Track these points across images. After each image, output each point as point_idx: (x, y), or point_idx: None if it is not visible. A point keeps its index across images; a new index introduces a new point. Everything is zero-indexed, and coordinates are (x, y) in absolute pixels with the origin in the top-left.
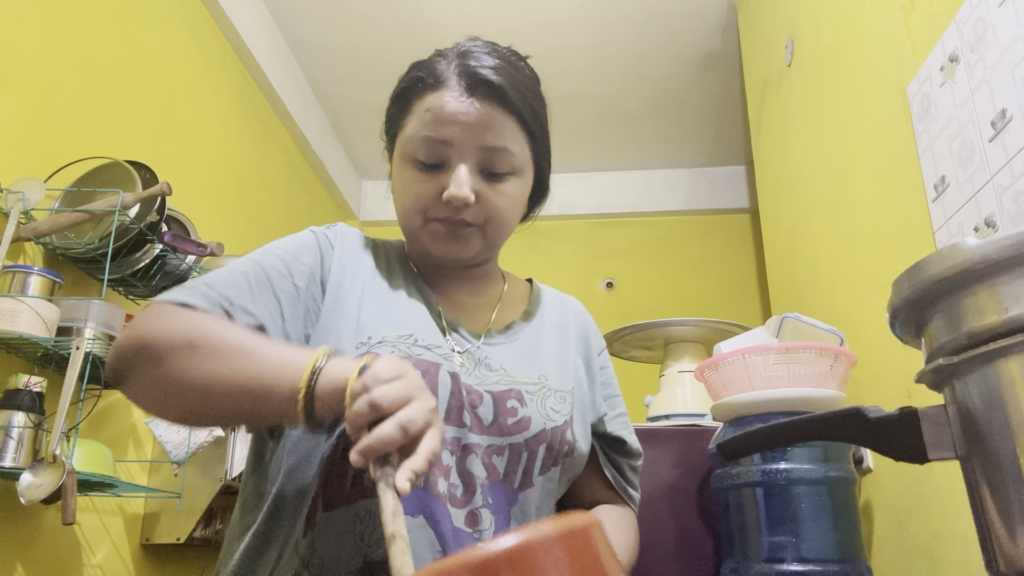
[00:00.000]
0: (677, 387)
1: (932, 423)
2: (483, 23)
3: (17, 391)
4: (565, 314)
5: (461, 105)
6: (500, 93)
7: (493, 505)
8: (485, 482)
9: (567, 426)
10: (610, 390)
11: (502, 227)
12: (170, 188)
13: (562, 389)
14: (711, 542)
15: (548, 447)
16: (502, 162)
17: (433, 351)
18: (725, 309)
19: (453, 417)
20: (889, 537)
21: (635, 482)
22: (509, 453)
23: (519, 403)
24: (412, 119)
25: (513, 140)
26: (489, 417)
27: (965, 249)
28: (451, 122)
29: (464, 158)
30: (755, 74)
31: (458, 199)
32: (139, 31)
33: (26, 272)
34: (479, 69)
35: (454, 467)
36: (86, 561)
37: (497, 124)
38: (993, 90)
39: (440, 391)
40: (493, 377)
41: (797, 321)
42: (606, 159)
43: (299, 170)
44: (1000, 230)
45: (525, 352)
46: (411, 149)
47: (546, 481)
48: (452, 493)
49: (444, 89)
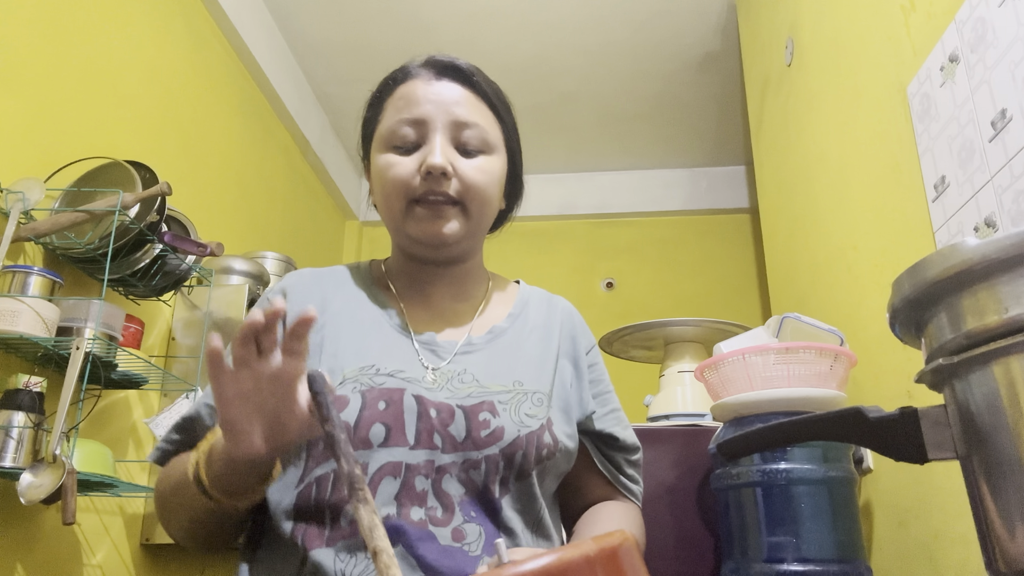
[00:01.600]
0: (677, 387)
1: (932, 423)
2: (483, 23)
3: (17, 391)
4: (552, 314)
5: (432, 87)
6: (467, 76)
7: (477, 518)
8: (464, 498)
9: (544, 429)
10: (600, 387)
11: (483, 203)
12: (170, 188)
13: (539, 391)
14: (711, 542)
15: (524, 453)
16: (475, 137)
17: (396, 377)
18: (725, 309)
19: (423, 440)
20: (889, 537)
21: (635, 476)
22: (485, 465)
23: (491, 414)
24: (386, 113)
25: (483, 118)
26: (462, 433)
27: (965, 249)
28: (424, 101)
29: (439, 132)
30: (755, 74)
31: (436, 167)
32: (139, 31)
33: (26, 272)
34: (446, 60)
35: (430, 490)
36: (86, 561)
37: (467, 102)
38: (993, 90)
39: (407, 417)
40: (465, 390)
41: (797, 321)
42: (606, 159)
43: (299, 170)
44: (1000, 230)
45: (503, 357)
46: (388, 136)
47: (527, 485)
48: (432, 516)
49: (414, 79)
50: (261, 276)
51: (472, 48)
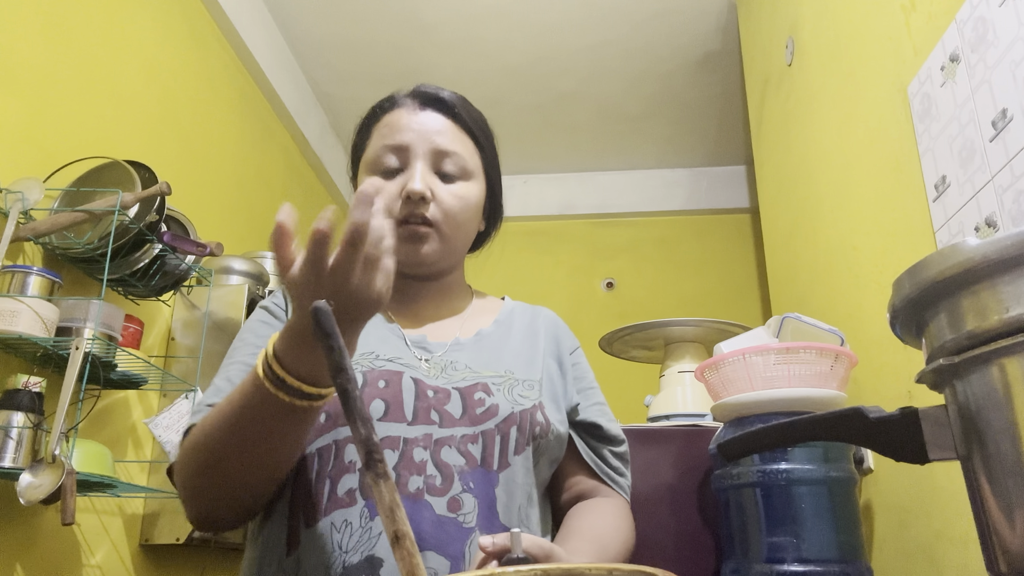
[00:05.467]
0: (677, 387)
1: (933, 423)
2: (483, 23)
3: (16, 391)
4: (536, 320)
5: (415, 116)
6: (450, 107)
7: (475, 490)
8: (464, 468)
9: (536, 409)
10: (584, 383)
11: (458, 227)
12: (169, 188)
13: (529, 379)
14: (711, 542)
15: (519, 428)
16: (454, 165)
17: (395, 362)
18: (725, 309)
19: (421, 417)
20: (890, 537)
21: (620, 468)
22: (483, 439)
23: (486, 394)
24: (372, 139)
25: (463, 147)
26: (459, 411)
27: (966, 249)
28: (407, 129)
29: (420, 159)
30: (755, 74)
31: (415, 192)
32: (139, 31)
33: (25, 272)
34: (431, 91)
35: (429, 459)
36: (85, 562)
37: (448, 131)
38: (994, 90)
39: (405, 396)
40: (459, 375)
41: (797, 321)
42: (606, 159)
43: (299, 170)
44: (1001, 230)
45: (491, 353)
46: (372, 161)
47: (524, 460)
48: (430, 484)
49: (400, 108)
50: (260, 276)
51: (472, 48)
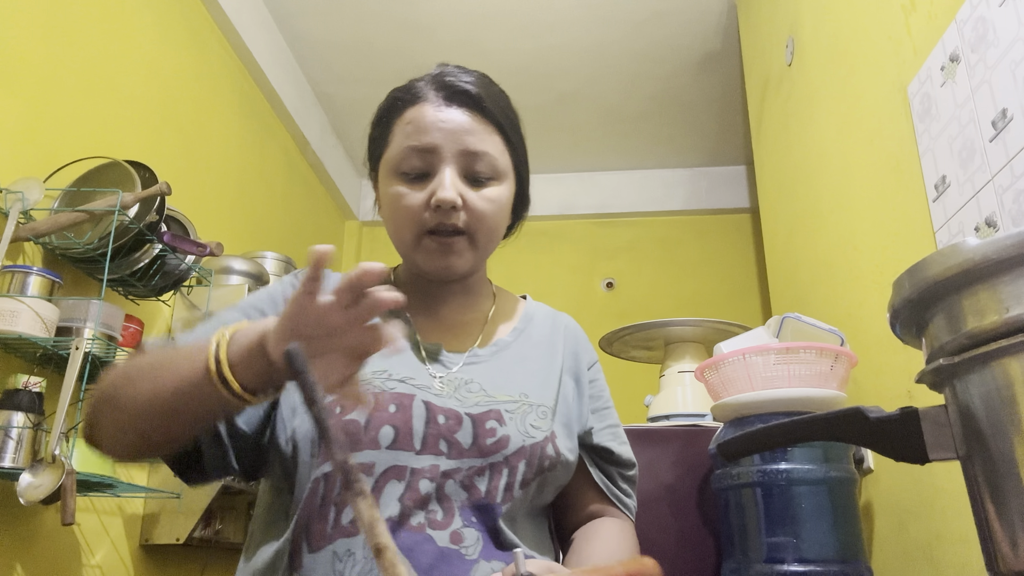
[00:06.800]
0: (677, 387)
1: (932, 423)
2: (483, 23)
3: (16, 391)
4: (555, 331)
5: (441, 113)
6: (478, 101)
7: (477, 524)
8: (466, 503)
9: (548, 441)
10: (599, 403)
11: (491, 233)
12: (169, 188)
13: (543, 404)
14: (711, 542)
15: (528, 462)
16: (485, 166)
17: (407, 383)
18: (725, 309)
19: (430, 446)
20: (889, 537)
21: (628, 490)
22: (490, 472)
23: (498, 423)
24: (395, 136)
25: (493, 145)
26: (468, 440)
27: (966, 249)
28: (433, 129)
29: (448, 163)
30: (755, 74)
31: (446, 201)
32: (139, 31)
33: (25, 272)
34: (456, 82)
35: (433, 494)
36: (86, 562)
37: (477, 130)
38: (994, 90)
39: (415, 423)
40: (472, 399)
41: (797, 321)
42: (606, 159)
43: (299, 170)
44: (1001, 230)
45: (508, 369)
46: (396, 163)
47: (528, 492)
48: (431, 519)
49: (424, 102)
50: (260, 276)
51: (472, 48)
